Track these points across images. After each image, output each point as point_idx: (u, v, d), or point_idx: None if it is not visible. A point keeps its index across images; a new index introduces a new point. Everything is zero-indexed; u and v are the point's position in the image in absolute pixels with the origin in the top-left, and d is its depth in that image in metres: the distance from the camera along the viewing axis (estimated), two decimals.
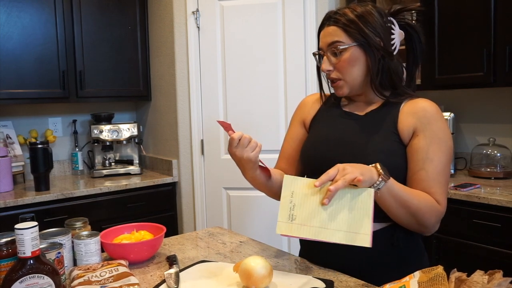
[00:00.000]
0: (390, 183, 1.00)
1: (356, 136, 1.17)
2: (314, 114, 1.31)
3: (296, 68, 2.59)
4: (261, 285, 1.00)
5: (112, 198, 2.60)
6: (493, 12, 2.09)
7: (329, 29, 1.15)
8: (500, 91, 2.42)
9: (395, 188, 1.02)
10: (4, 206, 2.24)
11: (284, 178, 0.94)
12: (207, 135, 2.74)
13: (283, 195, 0.92)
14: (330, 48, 1.15)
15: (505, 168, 2.32)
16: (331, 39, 1.14)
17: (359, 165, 0.99)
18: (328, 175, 0.96)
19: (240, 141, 1.09)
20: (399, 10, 1.20)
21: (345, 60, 1.13)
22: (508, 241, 1.86)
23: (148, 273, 1.17)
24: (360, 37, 1.12)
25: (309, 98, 1.37)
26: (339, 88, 1.18)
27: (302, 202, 0.94)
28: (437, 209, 1.08)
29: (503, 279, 0.74)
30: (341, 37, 1.13)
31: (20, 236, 0.86)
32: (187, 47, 2.71)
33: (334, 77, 1.17)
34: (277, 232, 0.94)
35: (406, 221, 1.07)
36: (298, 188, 0.93)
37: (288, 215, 0.93)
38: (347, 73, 1.15)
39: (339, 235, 0.97)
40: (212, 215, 2.77)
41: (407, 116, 1.14)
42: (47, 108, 2.96)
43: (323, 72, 1.19)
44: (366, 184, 0.97)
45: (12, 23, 2.51)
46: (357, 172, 0.95)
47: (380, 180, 0.98)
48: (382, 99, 1.18)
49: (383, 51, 1.13)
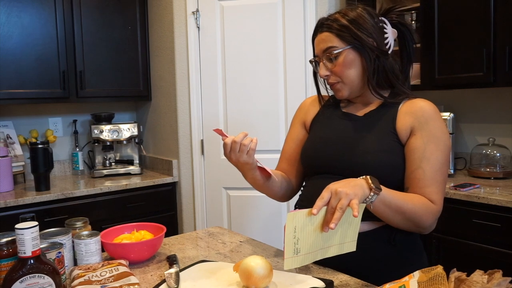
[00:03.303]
0: (383, 194, 0.99)
1: (355, 136, 1.19)
2: (314, 115, 1.33)
3: (296, 68, 2.60)
4: (261, 285, 1.01)
5: (112, 198, 2.60)
6: (493, 12, 2.09)
7: (322, 36, 1.18)
8: (500, 91, 2.42)
9: (388, 197, 1.01)
10: (5, 206, 2.24)
11: (287, 215, 0.94)
12: (207, 135, 2.75)
13: (287, 232, 0.92)
14: (325, 54, 1.17)
15: (505, 168, 2.32)
16: (325, 45, 1.17)
17: (349, 181, 0.96)
18: (323, 200, 0.93)
19: (231, 146, 1.10)
20: (388, 10, 1.22)
21: (340, 64, 1.16)
22: (508, 241, 1.86)
23: (148, 273, 1.17)
24: (353, 39, 1.14)
25: (310, 100, 1.39)
26: (339, 91, 1.21)
27: (304, 234, 0.94)
28: (432, 209, 1.09)
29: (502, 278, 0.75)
30: (335, 42, 1.15)
31: (20, 236, 0.86)
32: (187, 47, 2.71)
33: (332, 82, 1.20)
34: (286, 269, 0.94)
35: (403, 225, 1.08)
36: (299, 221, 0.92)
37: (293, 249, 0.93)
38: (344, 76, 1.17)
39: (332, 250, 0.98)
40: (212, 215, 2.77)
41: (405, 116, 1.15)
42: (47, 108, 2.97)
43: (321, 78, 1.22)
44: (360, 202, 0.94)
45: (12, 23, 2.51)
46: (351, 193, 0.92)
47: (372, 195, 0.97)
48: (380, 99, 1.19)
49: (377, 51, 1.15)
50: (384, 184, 1.13)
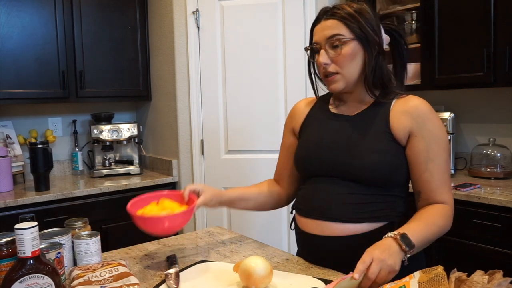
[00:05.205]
0: (414, 246, 1.00)
1: (348, 136, 1.17)
2: (303, 120, 1.31)
3: (296, 68, 2.59)
4: (261, 285, 1.00)
5: (112, 198, 2.60)
6: (493, 12, 2.09)
7: (327, 23, 1.15)
8: (500, 91, 2.42)
9: (419, 242, 1.02)
10: (4, 206, 2.24)
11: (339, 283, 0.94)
12: (207, 135, 2.74)
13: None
14: (329, 41, 1.14)
15: (505, 168, 2.32)
16: (331, 32, 1.13)
17: (384, 247, 0.97)
18: (365, 265, 0.93)
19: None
20: (382, 17, 1.22)
21: (346, 53, 1.13)
22: (508, 241, 1.86)
23: (148, 273, 1.17)
24: (360, 31, 1.13)
25: (297, 105, 1.36)
26: (335, 82, 1.17)
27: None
28: (448, 212, 1.13)
29: (503, 279, 0.75)
30: (342, 30, 1.13)
31: (20, 236, 0.86)
32: (187, 47, 2.71)
33: (331, 71, 1.16)
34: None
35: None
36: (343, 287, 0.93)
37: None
38: (345, 67, 1.15)
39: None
40: (212, 215, 2.77)
41: (400, 115, 1.14)
42: (47, 108, 2.96)
43: (320, 65, 1.17)
44: (398, 270, 0.96)
45: (12, 23, 2.51)
46: (391, 264, 0.94)
47: (407, 256, 0.98)
48: (372, 98, 1.18)
49: (379, 48, 1.15)
50: (383, 184, 1.13)
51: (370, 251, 0.96)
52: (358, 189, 1.14)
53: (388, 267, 0.94)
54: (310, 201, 1.21)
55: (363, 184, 1.13)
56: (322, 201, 1.17)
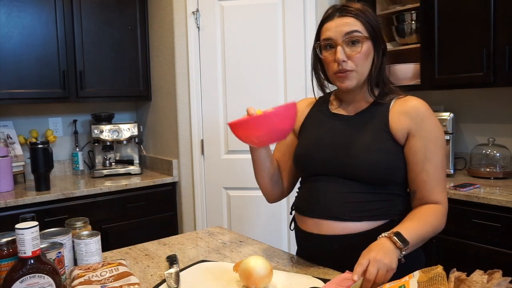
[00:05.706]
0: (408, 243, 1.01)
1: (348, 136, 1.18)
2: (303, 119, 1.32)
3: (296, 68, 2.59)
4: (261, 285, 1.01)
5: (112, 198, 2.60)
6: (493, 12, 2.09)
7: (345, 19, 1.15)
8: (500, 91, 2.42)
9: (413, 240, 1.03)
10: (5, 206, 2.24)
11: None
12: (207, 135, 2.75)
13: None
14: (346, 37, 1.14)
15: (505, 168, 2.32)
16: (349, 28, 1.14)
17: (379, 248, 0.98)
18: (362, 267, 0.94)
19: None
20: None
21: (364, 51, 1.15)
22: (507, 241, 1.86)
23: (148, 273, 1.17)
24: (372, 30, 1.15)
25: (297, 105, 1.35)
26: (349, 79, 1.16)
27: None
28: (442, 212, 1.14)
29: (502, 278, 0.75)
30: (360, 27, 1.14)
31: (20, 236, 0.86)
32: (187, 47, 2.71)
33: (349, 69, 1.14)
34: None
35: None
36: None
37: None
38: (361, 65, 1.16)
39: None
40: (212, 215, 2.77)
41: (399, 116, 1.15)
42: (47, 108, 2.97)
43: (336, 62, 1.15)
44: (395, 269, 0.97)
45: (12, 23, 2.51)
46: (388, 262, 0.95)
47: (402, 253, 1.00)
48: (372, 97, 1.20)
49: (384, 49, 1.18)
50: (383, 183, 1.14)
51: (365, 253, 0.97)
52: (357, 188, 1.14)
53: (385, 266, 0.94)
54: (309, 200, 1.21)
55: (362, 182, 1.14)
56: (322, 200, 1.17)
